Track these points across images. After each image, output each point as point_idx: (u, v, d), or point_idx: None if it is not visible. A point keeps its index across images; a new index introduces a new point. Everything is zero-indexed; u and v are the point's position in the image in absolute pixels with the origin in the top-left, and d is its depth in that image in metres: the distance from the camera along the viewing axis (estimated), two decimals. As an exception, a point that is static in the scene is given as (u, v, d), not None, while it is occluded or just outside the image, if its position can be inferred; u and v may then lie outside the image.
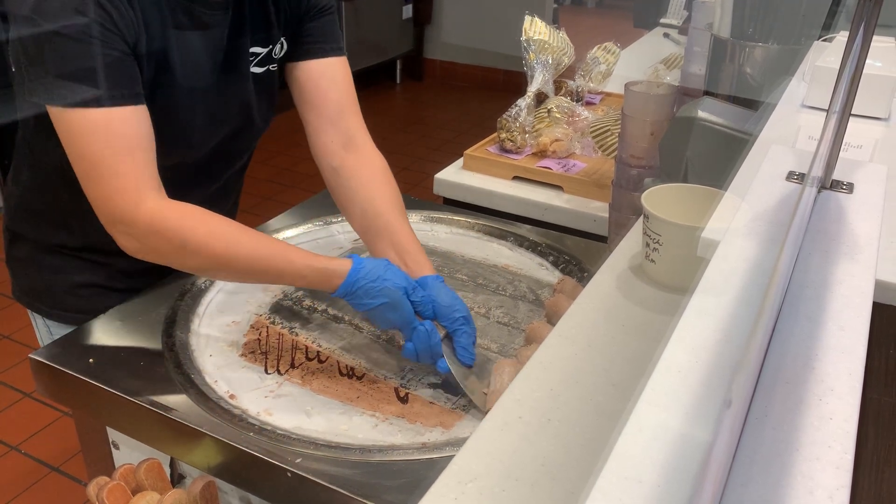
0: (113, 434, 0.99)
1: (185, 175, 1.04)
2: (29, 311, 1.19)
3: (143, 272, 1.10)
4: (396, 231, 1.02)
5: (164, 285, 1.10)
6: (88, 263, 1.12)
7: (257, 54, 1.05)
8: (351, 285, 0.90)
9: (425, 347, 0.90)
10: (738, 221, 0.73)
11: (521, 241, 1.26)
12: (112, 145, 0.86)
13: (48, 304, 1.16)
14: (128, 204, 0.87)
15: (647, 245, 0.82)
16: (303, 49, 1.09)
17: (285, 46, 1.09)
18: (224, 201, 1.20)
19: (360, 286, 0.90)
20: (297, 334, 1.02)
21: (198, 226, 0.90)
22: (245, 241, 0.91)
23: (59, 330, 1.17)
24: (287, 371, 0.95)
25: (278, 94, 1.14)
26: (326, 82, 1.09)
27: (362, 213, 1.06)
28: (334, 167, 1.09)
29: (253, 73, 1.06)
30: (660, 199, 0.83)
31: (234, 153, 1.14)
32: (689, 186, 0.86)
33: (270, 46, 1.06)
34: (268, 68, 1.08)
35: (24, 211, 1.12)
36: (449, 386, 0.93)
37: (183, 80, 0.96)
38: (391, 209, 1.04)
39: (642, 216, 0.82)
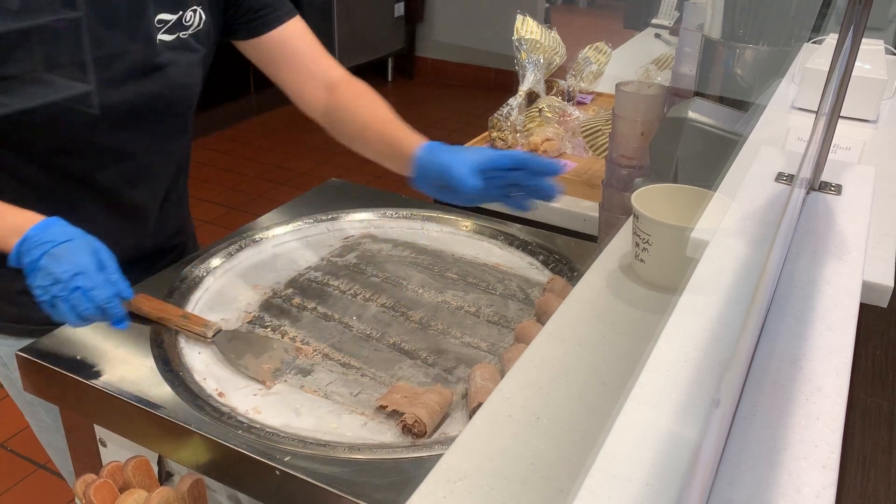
0: (100, 431, 0.98)
1: (102, 142, 1.03)
2: None
3: None
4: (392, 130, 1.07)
5: (152, 282, 1.09)
6: None
7: (166, 21, 1.03)
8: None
9: None
10: (727, 222, 0.73)
11: (511, 241, 1.26)
12: None
13: None
14: None
15: (637, 245, 0.82)
16: (259, 23, 1.10)
17: (204, 17, 1.06)
18: (147, 185, 1.12)
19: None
20: (286, 332, 1.02)
21: None
22: None
23: (2, 340, 1.12)
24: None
25: (201, 71, 1.11)
26: (293, 42, 1.14)
27: (360, 136, 1.10)
28: (324, 112, 1.14)
29: (161, 40, 1.03)
30: (650, 199, 0.83)
31: (152, 132, 1.09)
32: (678, 187, 0.87)
33: (180, 13, 1.04)
34: (178, 36, 1.04)
35: None
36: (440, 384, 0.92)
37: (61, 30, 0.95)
38: (384, 118, 1.09)
39: (632, 216, 0.82)
